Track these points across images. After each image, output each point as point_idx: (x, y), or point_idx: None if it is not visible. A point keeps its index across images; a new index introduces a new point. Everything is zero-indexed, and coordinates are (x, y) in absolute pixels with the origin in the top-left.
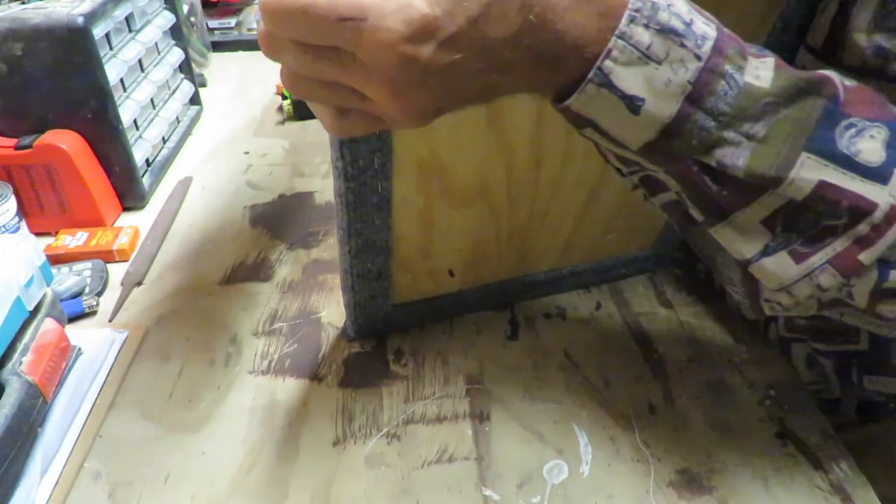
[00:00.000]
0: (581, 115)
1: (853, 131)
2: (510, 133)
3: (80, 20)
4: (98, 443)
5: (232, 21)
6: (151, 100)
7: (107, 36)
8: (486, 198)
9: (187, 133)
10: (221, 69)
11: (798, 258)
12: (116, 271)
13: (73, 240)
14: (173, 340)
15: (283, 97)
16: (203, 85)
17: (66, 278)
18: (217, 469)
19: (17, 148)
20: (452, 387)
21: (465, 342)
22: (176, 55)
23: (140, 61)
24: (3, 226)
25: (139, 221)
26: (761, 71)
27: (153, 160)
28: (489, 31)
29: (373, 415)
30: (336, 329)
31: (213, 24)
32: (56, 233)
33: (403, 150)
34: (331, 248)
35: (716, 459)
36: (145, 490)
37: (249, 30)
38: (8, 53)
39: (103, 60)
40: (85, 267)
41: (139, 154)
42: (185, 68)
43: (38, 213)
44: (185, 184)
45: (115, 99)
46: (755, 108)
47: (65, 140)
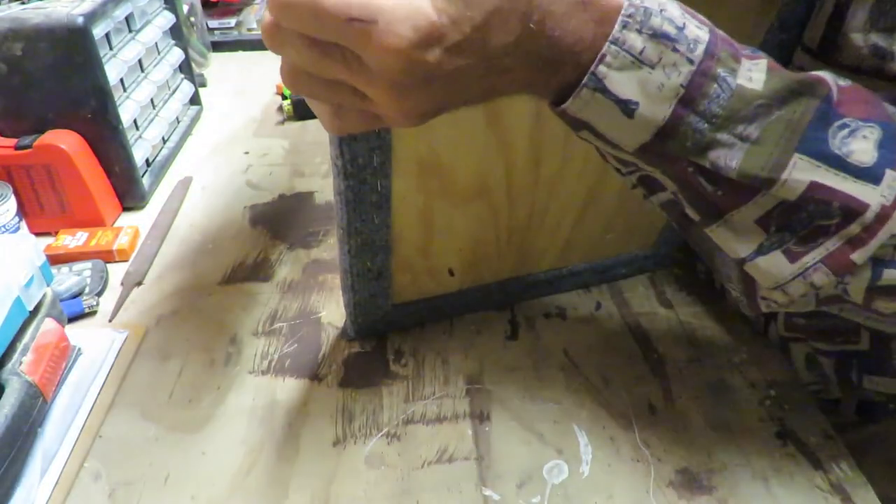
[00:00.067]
0: (577, 118)
1: (846, 132)
2: (509, 132)
3: (80, 20)
4: (98, 443)
5: (232, 21)
6: (151, 100)
7: (107, 36)
8: (486, 197)
9: (187, 133)
10: (221, 69)
11: (792, 257)
12: (116, 271)
13: (73, 240)
14: (173, 340)
15: (283, 97)
16: (203, 85)
17: (66, 278)
18: (217, 469)
19: (17, 148)
20: (452, 387)
21: (465, 342)
22: (176, 55)
23: (140, 61)
24: (3, 226)
25: (139, 221)
26: (754, 73)
27: (153, 160)
28: (491, 38)
29: (373, 415)
30: (336, 329)
31: (213, 24)
32: (56, 233)
33: (403, 149)
34: (331, 248)
35: (716, 459)
36: (145, 490)
37: (249, 30)
38: (8, 53)
39: (103, 60)
40: (85, 267)
41: (139, 154)
42: (185, 68)
43: (38, 213)
44: (185, 184)
45: (115, 99)
46: (748, 110)
47: (65, 140)
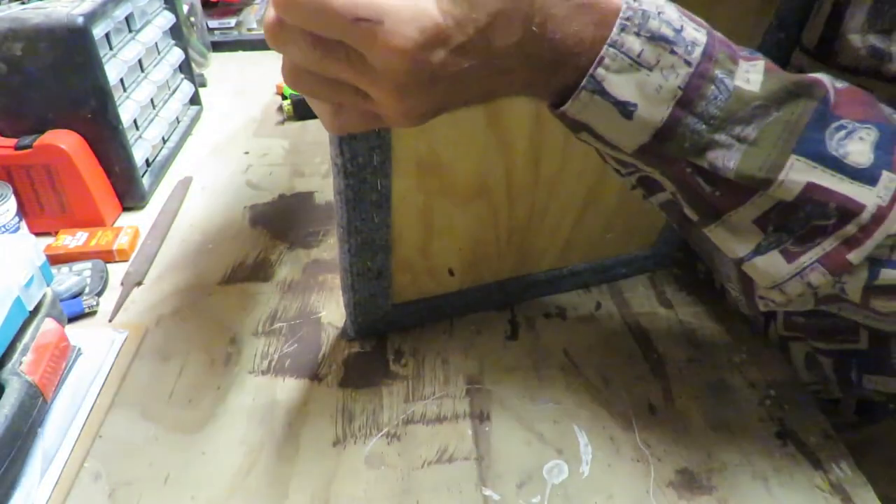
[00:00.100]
0: (576, 120)
1: (843, 133)
2: (509, 132)
3: (80, 20)
4: (98, 443)
5: (232, 21)
6: (151, 100)
7: (107, 36)
8: (486, 196)
9: (187, 133)
10: (221, 69)
11: (789, 257)
12: (116, 271)
13: (73, 240)
14: (173, 340)
15: (283, 97)
16: (203, 85)
17: (66, 278)
18: (217, 469)
19: (17, 148)
20: (452, 387)
21: (465, 342)
22: (176, 55)
23: (140, 61)
24: (3, 226)
25: (139, 221)
26: (751, 75)
27: (153, 160)
28: (494, 40)
29: (373, 415)
30: (336, 329)
31: (213, 24)
32: (56, 233)
33: (403, 148)
34: (331, 248)
35: (716, 459)
36: (145, 490)
37: (249, 30)
38: (8, 53)
39: (103, 60)
40: (85, 267)
41: (139, 154)
42: (185, 68)
43: (38, 213)
44: (185, 184)
45: (115, 99)
46: (745, 112)
47: (65, 140)
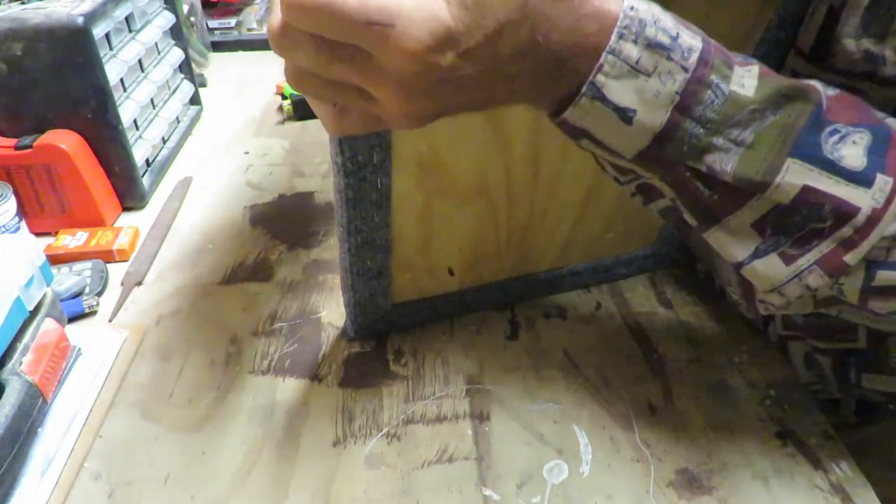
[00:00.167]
0: (577, 126)
1: (837, 137)
2: (509, 131)
3: (80, 20)
4: (98, 443)
5: (232, 21)
6: (151, 100)
7: (107, 36)
8: (485, 195)
9: (187, 133)
10: (221, 69)
11: (787, 260)
12: (116, 271)
13: (73, 240)
14: (173, 340)
15: (283, 97)
16: (203, 85)
17: (66, 278)
18: (217, 469)
19: (17, 148)
20: (452, 387)
21: (465, 342)
22: (176, 55)
23: (140, 61)
24: (3, 226)
25: (139, 221)
26: (746, 80)
27: (153, 160)
28: (501, 47)
29: (373, 415)
30: (336, 329)
31: (213, 24)
32: (56, 233)
33: (402, 147)
34: (331, 248)
35: (716, 459)
36: (145, 490)
37: (249, 30)
38: (8, 53)
39: (103, 60)
40: (85, 267)
41: (139, 154)
42: (185, 68)
43: (38, 213)
44: (185, 184)
45: (115, 99)
46: (741, 115)
47: (65, 140)
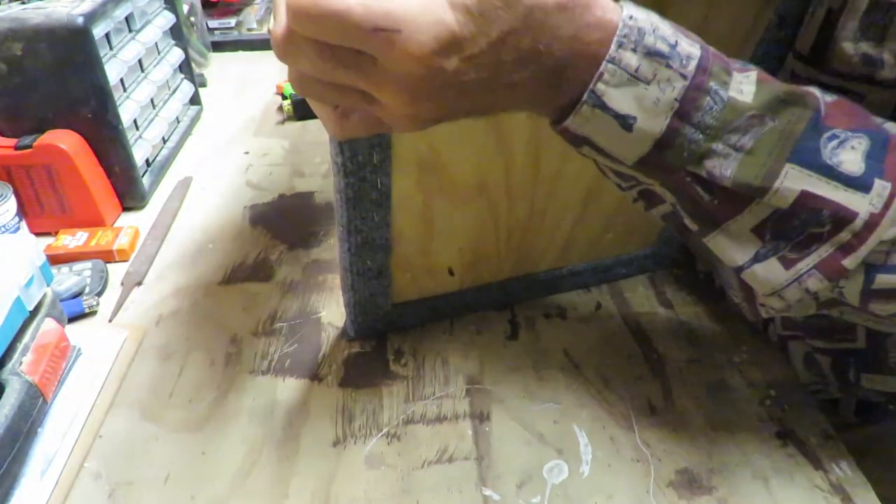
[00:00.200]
0: (578, 134)
1: (835, 143)
2: (509, 130)
3: (80, 20)
4: (98, 443)
5: (232, 21)
6: (151, 100)
7: (107, 36)
8: (485, 195)
9: (187, 133)
10: (221, 69)
11: (787, 264)
12: (116, 271)
13: (73, 240)
14: (173, 340)
15: (283, 97)
16: (203, 85)
17: (66, 278)
18: (217, 469)
19: (17, 148)
20: (452, 387)
21: (465, 342)
22: (176, 55)
23: (140, 61)
24: (3, 226)
25: (139, 221)
26: (744, 86)
27: (153, 160)
28: (504, 54)
29: (373, 415)
30: (336, 329)
31: (213, 24)
32: (56, 233)
33: (402, 147)
34: (331, 248)
35: (716, 459)
36: (145, 490)
37: (249, 30)
38: (8, 53)
39: (103, 60)
40: (85, 267)
41: (139, 154)
42: (185, 68)
43: (38, 213)
44: (185, 184)
45: (115, 99)
46: (740, 121)
47: (65, 140)
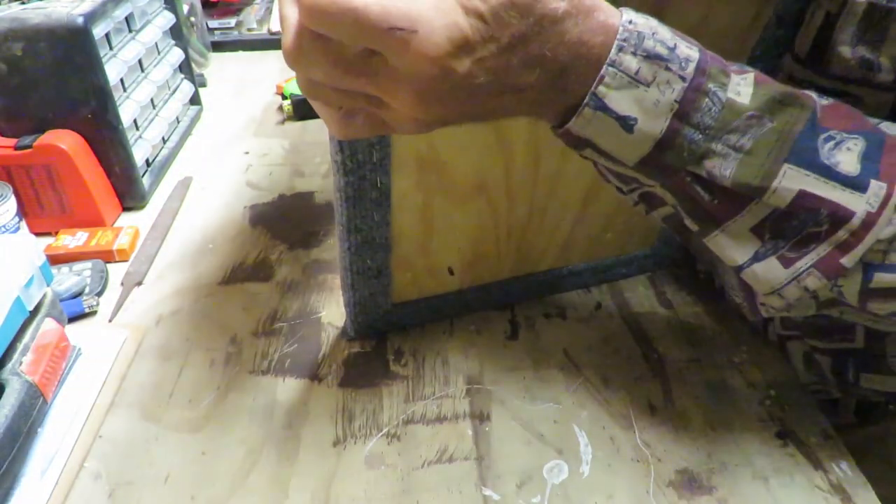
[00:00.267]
0: (580, 136)
1: (832, 143)
2: (509, 129)
3: (80, 20)
4: (98, 443)
5: (232, 21)
6: (151, 100)
7: (107, 36)
8: (485, 194)
9: (187, 133)
10: (221, 69)
11: (786, 263)
12: (116, 271)
13: (73, 240)
14: (173, 340)
15: (283, 97)
16: (203, 85)
17: (66, 278)
18: (217, 469)
19: (17, 148)
20: (452, 387)
21: (465, 342)
22: (176, 55)
23: (140, 61)
24: (3, 226)
25: (139, 221)
26: (742, 87)
27: (153, 160)
28: (513, 59)
29: (373, 415)
30: (336, 329)
31: (213, 24)
32: (56, 233)
33: (402, 145)
34: (331, 248)
35: (716, 459)
36: (145, 490)
37: (249, 30)
38: (8, 53)
39: (103, 60)
40: (85, 267)
41: (139, 154)
42: (185, 68)
43: (38, 213)
44: (185, 184)
45: (115, 99)
46: (739, 122)
47: (65, 140)
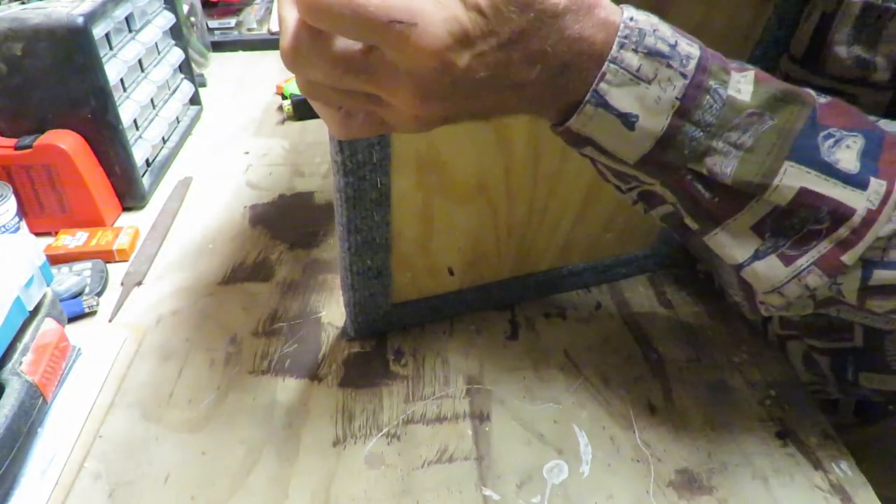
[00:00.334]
0: (581, 134)
1: (832, 141)
2: (509, 129)
3: (80, 20)
4: (98, 443)
5: (232, 21)
6: (151, 100)
7: (107, 36)
8: (485, 194)
9: (187, 133)
10: (221, 69)
11: (786, 260)
12: (116, 271)
13: (73, 240)
14: (173, 340)
15: (283, 97)
16: (203, 85)
17: (66, 278)
18: (217, 469)
19: (17, 148)
20: (452, 387)
21: (465, 342)
22: (176, 55)
23: (140, 61)
24: (3, 226)
25: (139, 221)
26: (742, 85)
27: (153, 160)
28: (514, 55)
29: (373, 415)
30: (336, 329)
31: (213, 24)
32: (56, 233)
33: (402, 145)
34: (331, 248)
35: (716, 459)
36: (145, 490)
37: (249, 30)
38: (8, 53)
39: (103, 60)
40: (85, 267)
41: (139, 154)
42: (185, 68)
43: (38, 213)
44: (185, 184)
45: (115, 99)
46: (739, 119)
47: (65, 140)
